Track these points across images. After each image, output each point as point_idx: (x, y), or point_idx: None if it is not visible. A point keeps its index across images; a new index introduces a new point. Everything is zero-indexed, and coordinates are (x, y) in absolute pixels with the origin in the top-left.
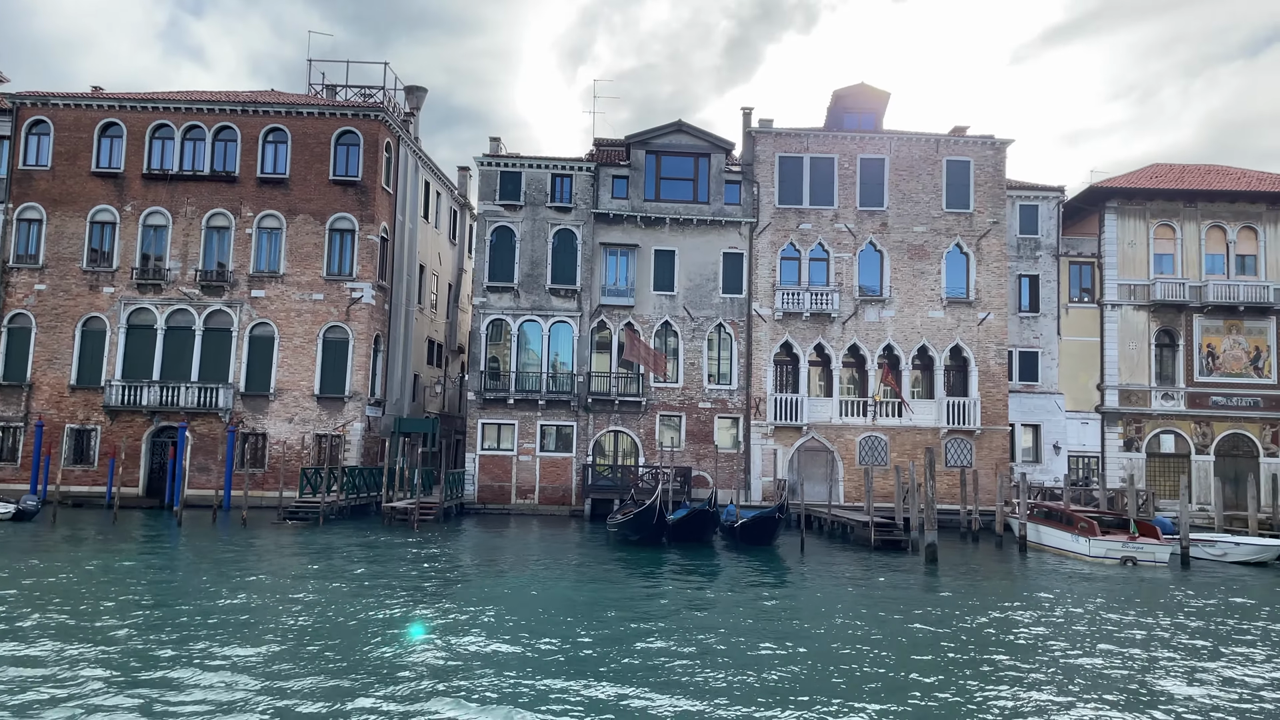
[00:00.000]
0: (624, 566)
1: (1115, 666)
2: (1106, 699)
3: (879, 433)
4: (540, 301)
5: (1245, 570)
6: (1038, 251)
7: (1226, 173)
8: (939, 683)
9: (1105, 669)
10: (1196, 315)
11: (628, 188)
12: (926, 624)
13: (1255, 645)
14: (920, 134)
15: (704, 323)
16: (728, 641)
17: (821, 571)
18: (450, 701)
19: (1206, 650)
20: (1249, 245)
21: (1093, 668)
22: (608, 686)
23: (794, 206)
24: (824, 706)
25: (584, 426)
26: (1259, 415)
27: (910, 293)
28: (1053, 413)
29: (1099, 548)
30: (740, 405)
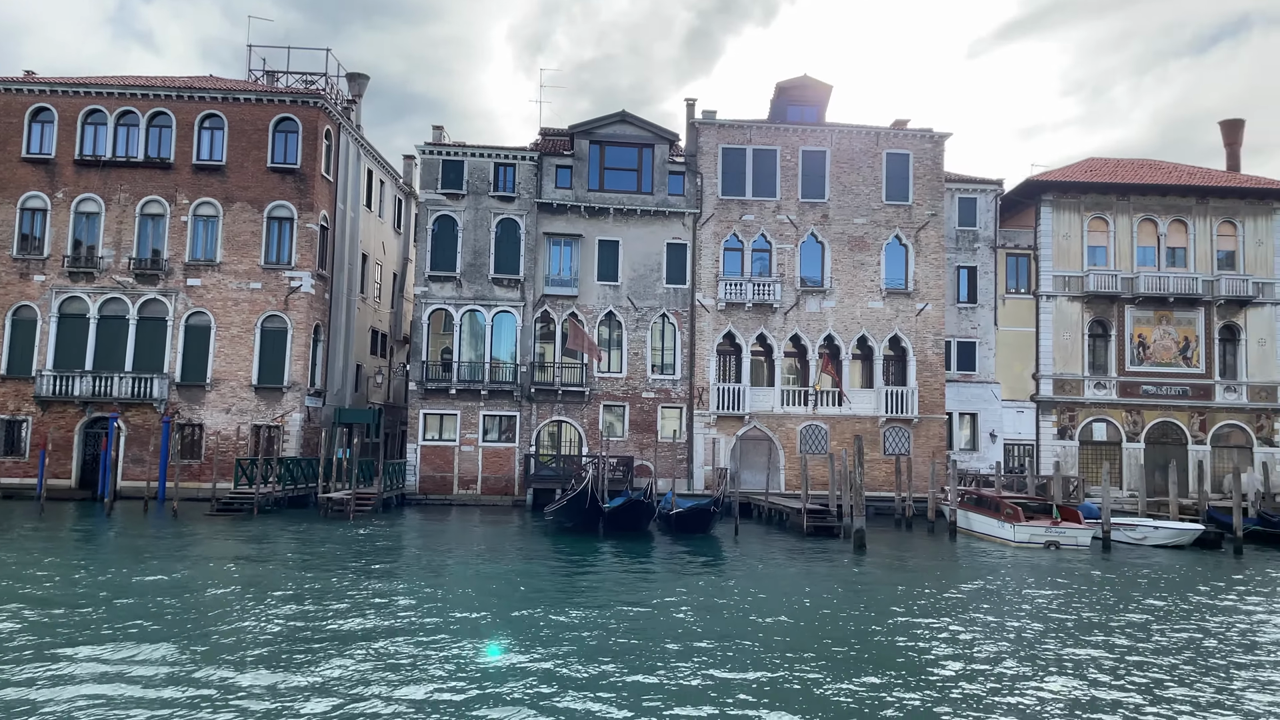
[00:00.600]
0: (555, 554)
1: (1011, 641)
2: (998, 673)
3: (819, 422)
4: (483, 291)
5: (1162, 553)
6: (976, 243)
7: (1158, 167)
8: (840, 665)
9: (1002, 645)
10: (1128, 306)
11: (571, 178)
12: (841, 607)
13: (1136, 619)
14: (861, 127)
15: (648, 313)
16: (638, 627)
17: (750, 558)
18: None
19: (1092, 624)
20: (1179, 238)
21: (989, 644)
22: (510, 675)
23: (737, 198)
24: (723, 695)
25: (527, 417)
26: (1187, 404)
27: (850, 284)
28: (990, 402)
29: (1023, 533)
30: (683, 395)
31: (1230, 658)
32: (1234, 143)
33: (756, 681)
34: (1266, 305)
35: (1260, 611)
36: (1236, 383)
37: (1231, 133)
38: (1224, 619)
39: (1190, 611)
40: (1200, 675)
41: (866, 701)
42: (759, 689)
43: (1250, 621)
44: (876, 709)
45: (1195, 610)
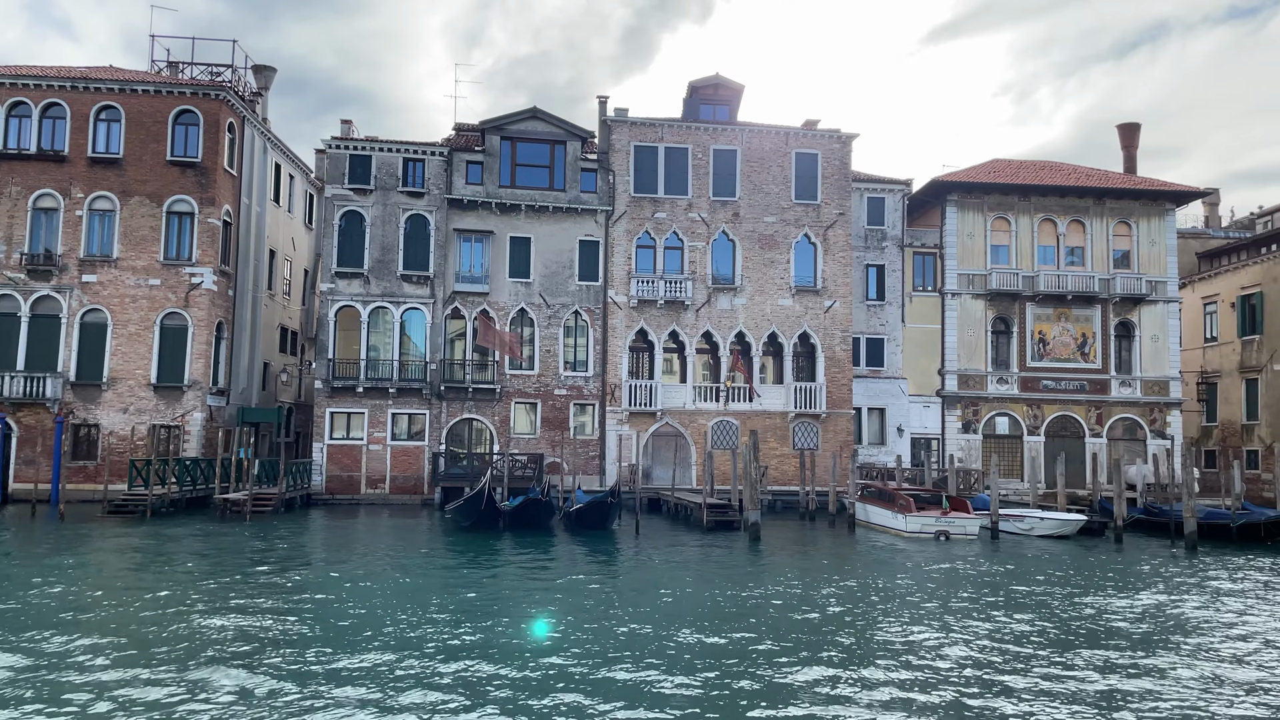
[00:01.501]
0: (448, 553)
1: (882, 624)
2: (854, 654)
3: (730, 417)
4: (392, 288)
5: (1046, 542)
6: (884, 242)
7: (1058, 169)
8: (691, 655)
9: (857, 630)
10: (1029, 303)
11: (483, 174)
12: (723, 597)
13: (990, 602)
14: (771, 126)
15: (560, 310)
16: (511, 621)
17: (642, 553)
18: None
19: (938, 609)
20: (1077, 237)
21: (863, 629)
22: (359, 673)
23: (649, 195)
24: (582, 687)
25: (437, 414)
26: (1085, 398)
27: (761, 281)
28: (897, 397)
29: (914, 523)
30: (596, 392)
31: (1071, 638)
32: (1130, 146)
33: (581, 678)
34: (1159, 303)
35: (1113, 595)
36: (1131, 378)
37: (1128, 136)
38: (1076, 602)
39: (1042, 595)
40: (1038, 656)
41: (716, 690)
42: (586, 686)
43: (1097, 606)
44: (728, 697)
45: (1049, 594)
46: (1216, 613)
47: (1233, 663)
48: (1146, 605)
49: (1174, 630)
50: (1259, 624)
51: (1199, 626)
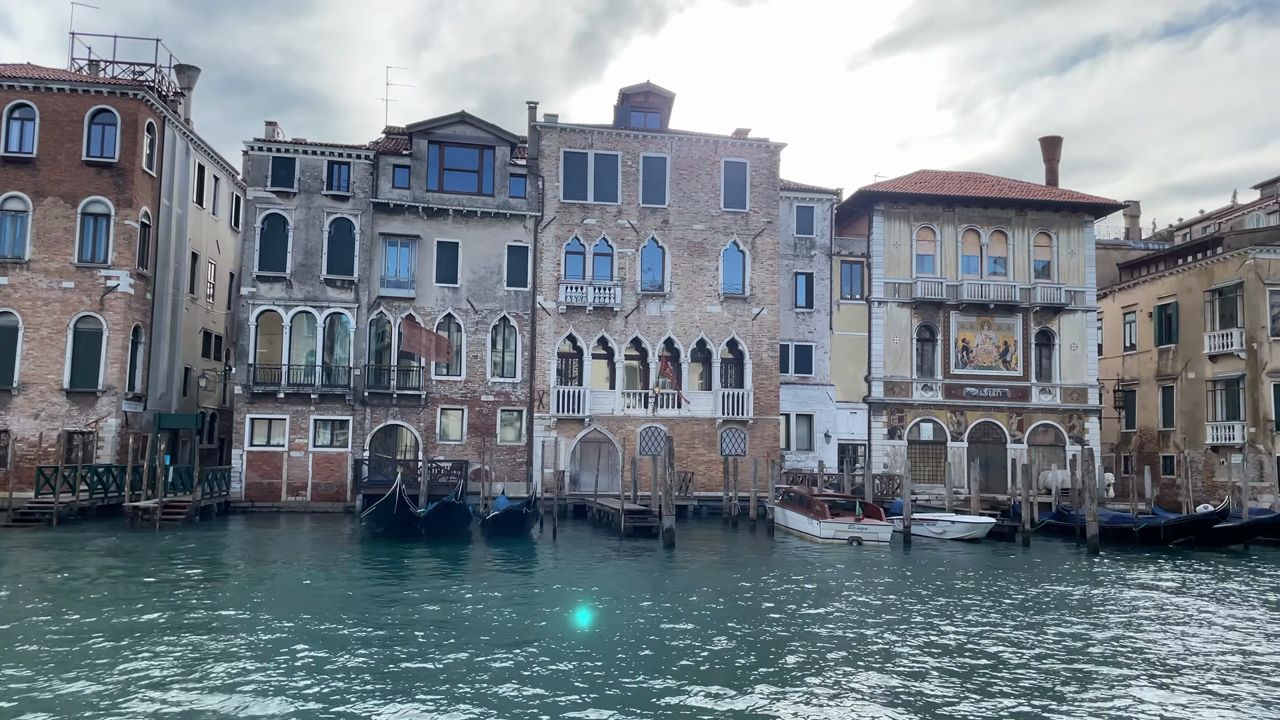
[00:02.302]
0: (359, 561)
1: (747, 633)
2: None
3: (659, 424)
4: (315, 292)
5: (957, 545)
6: (813, 251)
7: (982, 180)
8: (567, 656)
9: (742, 635)
10: (953, 312)
11: (410, 178)
12: (612, 602)
13: (873, 603)
14: (701, 135)
15: (488, 315)
16: (395, 629)
17: (554, 559)
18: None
19: (827, 612)
20: (1000, 248)
21: (725, 636)
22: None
23: (579, 201)
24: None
25: (360, 420)
26: (1006, 405)
27: (690, 288)
28: (825, 403)
29: (828, 529)
30: (524, 398)
31: (935, 636)
32: (1052, 159)
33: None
34: (1078, 312)
35: (990, 595)
36: (1051, 385)
37: (1050, 149)
38: (949, 602)
39: (924, 595)
40: (900, 652)
41: (594, 687)
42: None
43: (971, 605)
44: (605, 695)
45: (930, 595)
46: (1090, 610)
47: (1092, 655)
48: (1023, 601)
49: (1044, 626)
50: (1121, 619)
51: (1068, 620)
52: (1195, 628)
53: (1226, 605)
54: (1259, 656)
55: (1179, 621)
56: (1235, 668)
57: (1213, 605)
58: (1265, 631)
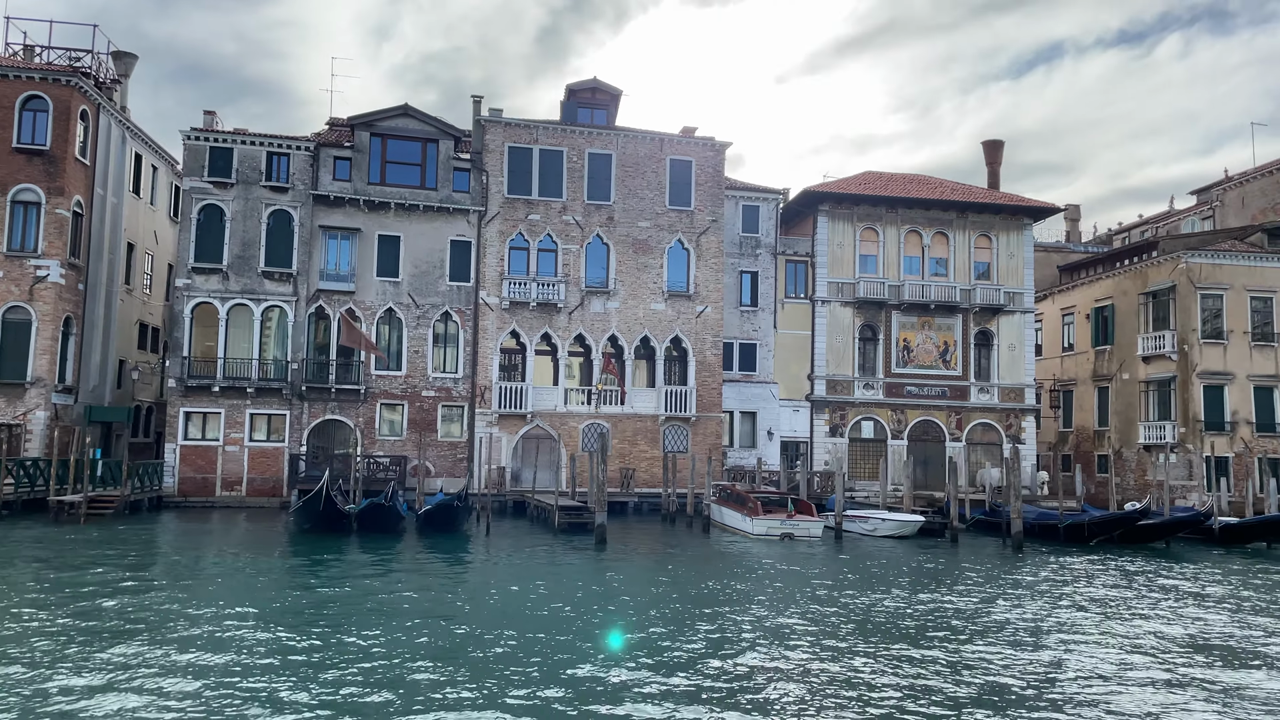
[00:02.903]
0: (286, 557)
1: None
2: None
3: (602, 420)
4: (252, 285)
5: (888, 542)
6: (758, 250)
7: (926, 182)
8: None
9: (647, 630)
10: (895, 312)
11: (351, 170)
12: (525, 599)
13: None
14: (647, 132)
15: (429, 310)
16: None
17: (483, 555)
18: None
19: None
20: (941, 249)
21: (648, 622)
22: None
23: (523, 197)
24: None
25: (298, 415)
26: (946, 404)
27: (634, 285)
28: (768, 401)
29: (760, 525)
30: (465, 393)
31: (841, 626)
32: (994, 162)
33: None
34: (1016, 313)
35: (907, 589)
36: (989, 384)
37: (992, 153)
38: (860, 596)
39: (835, 588)
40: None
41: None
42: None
43: (880, 598)
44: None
45: (842, 587)
46: (1001, 604)
47: (998, 646)
48: (933, 594)
49: (944, 616)
50: (1019, 610)
51: (976, 615)
52: (1079, 617)
53: (1119, 597)
54: (1132, 643)
55: (1067, 611)
56: (1112, 652)
57: (1106, 596)
58: (1146, 624)
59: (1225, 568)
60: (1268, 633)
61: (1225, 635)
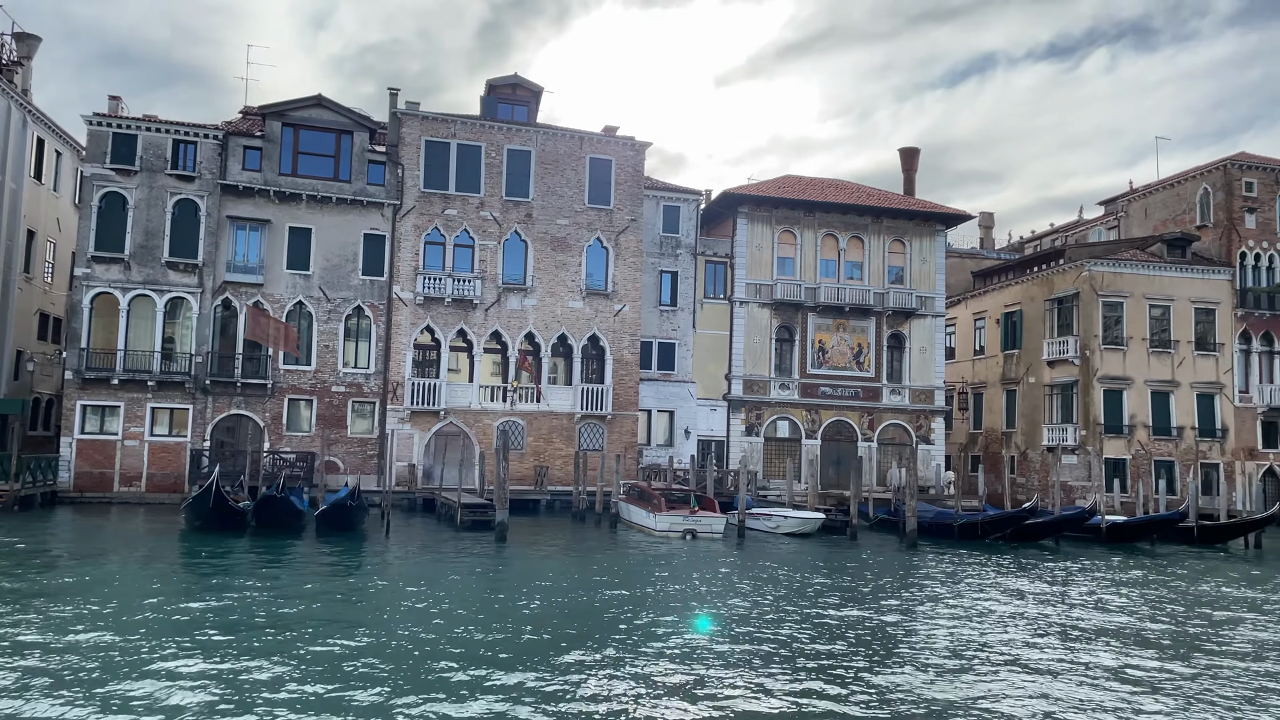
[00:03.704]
0: (170, 554)
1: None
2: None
3: (517, 418)
4: (155, 275)
5: (789, 539)
6: (678, 250)
7: (844, 187)
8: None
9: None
10: (811, 314)
11: (261, 160)
12: (399, 597)
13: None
14: (567, 130)
15: (341, 304)
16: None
17: (381, 551)
18: None
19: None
20: (857, 253)
21: (484, 629)
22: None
23: (440, 191)
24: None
25: (202, 409)
26: (859, 404)
27: (552, 283)
28: (686, 400)
29: (663, 522)
30: (377, 389)
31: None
32: (910, 169)
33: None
34: (928, 317)
35: (804, 579)
36: (901, 386)
37: (908, 160)
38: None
39: (721, 582)
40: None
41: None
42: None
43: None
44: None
45: (716, 581)
46: (873, 594)
47: (857, 633)
48: (815, 587)
49: (824, 609)
50: (896, 602)
51: (840, 605)
52: (945, 609)
53: (985, 590)
54: (982, 634)
55: (936, 603)
56: (965, 641)
57: (973, 590)
58: (997, 615)
59: (1090, 563)
60: (1095, 620)
61: (1059, 624)
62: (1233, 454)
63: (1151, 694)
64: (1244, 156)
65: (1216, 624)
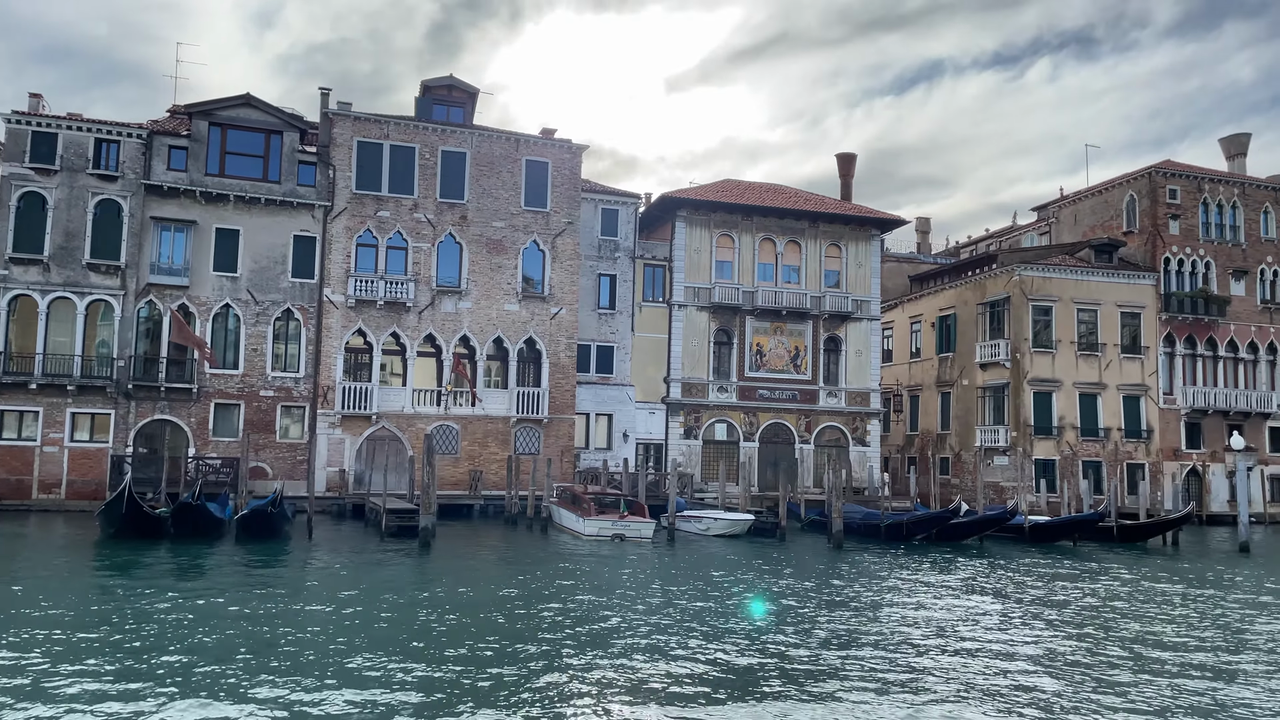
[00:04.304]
0: (80, 562)
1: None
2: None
3: (451, 422)
4: (76, 277)
5: (718, 541)
6: (617, 253)
7: (781, 192)
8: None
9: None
10: (749, 317)
11: (187, 160)
12: (318, 603)
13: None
14: (502, 132)
15: (270, 307)
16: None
17: (301, 558)
18: None
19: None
20: (794, 257)
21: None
22: None
23: (372, 193)
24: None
25: (125, 415)
26: (796, 407)
27: (488, 285)
28: (624, 403)
29: (592, 526)
30: (307, 394)
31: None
32: (847, 174)
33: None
34: (863, 320)
35: (716, 580)
36: (837, 388)
37: (845, 165)
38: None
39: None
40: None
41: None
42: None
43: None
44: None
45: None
46: (788, 592)
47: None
48: (725, 587)
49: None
50: (812, 601)
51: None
52: (857, 605)
53: (893, 587)
54: (874, 627)
55: (836, 603)
56: (867, 633)
57: (878, 587)
58: (898, 610)
59: (1005, 561)
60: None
61: (952, 617)
62: (1158, 454)
63: (1045, 676)
64: (1169, 165)
65: (1108, 616)
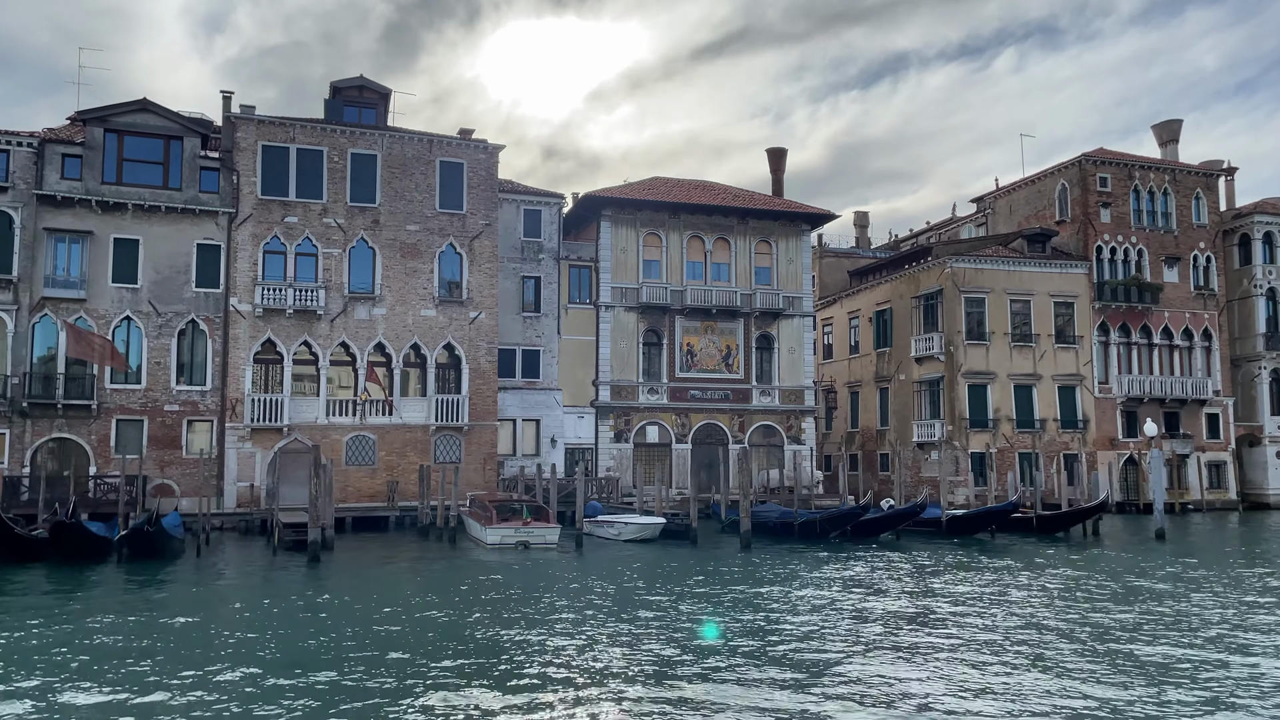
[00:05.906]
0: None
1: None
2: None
3: (368, 432)
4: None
5: (631, 545)
6: (540, 255)
7: (709, 188)
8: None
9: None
10: (678, 317)
11: (82, 168)
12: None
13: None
14: (414, 133)
15: (173, 318)
16: None
17: (175, 581)
18: None
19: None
20: (723, 254)
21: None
22: None
23: (279, 198)
24: None
25: (20, 434)
26: (729, 407)
27: (403, 291)
28: (552, 408)
29: (495, 535)
30: (214, 407)
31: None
32: (778, 169)
33: None
34: (796, 317)
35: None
36: (770, 387)
37: (775, 160)
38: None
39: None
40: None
41: None
42: None
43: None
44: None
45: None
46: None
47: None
48: (614, 593)
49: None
50: (697, 604)
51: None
52: (764, 604)
53: (800, 585)
54: (769, 622)
55: (752, 600)
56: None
57: (788, 585)
58: (788, 606)
59: (913, 555)
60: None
61: (845, 610)
62: (1094, 444)
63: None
64: (1100, 152)
65: (978, 606)
